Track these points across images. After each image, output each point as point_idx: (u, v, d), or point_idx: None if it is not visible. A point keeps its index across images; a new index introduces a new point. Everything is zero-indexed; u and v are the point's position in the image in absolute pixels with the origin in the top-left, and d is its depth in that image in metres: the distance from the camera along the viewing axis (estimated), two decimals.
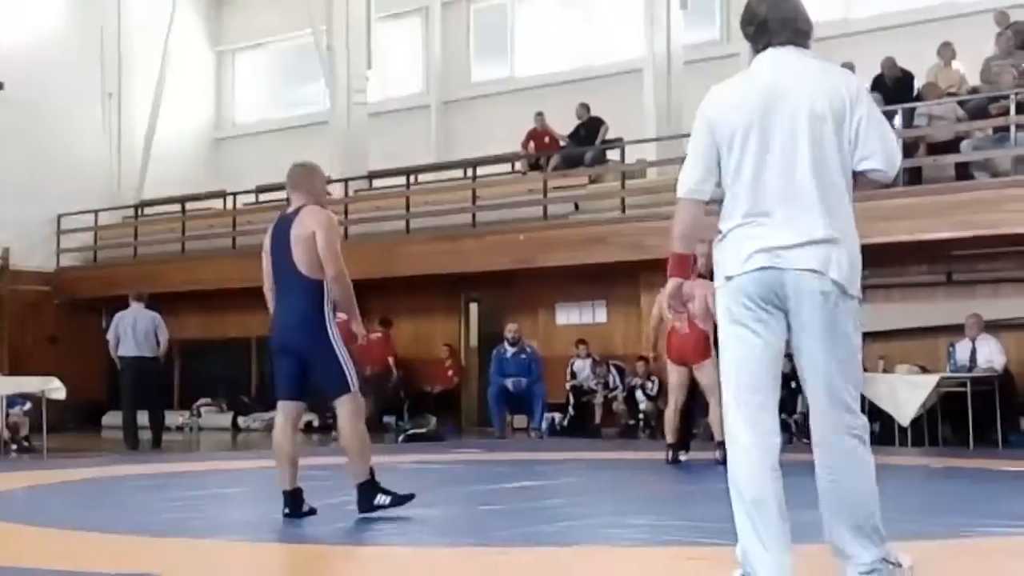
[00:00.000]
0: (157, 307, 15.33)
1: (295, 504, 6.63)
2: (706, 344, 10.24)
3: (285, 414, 6.74)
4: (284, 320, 6.71)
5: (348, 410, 6.62)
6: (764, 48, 4.25)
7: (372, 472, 6.67)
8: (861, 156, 4.15)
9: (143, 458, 12.80)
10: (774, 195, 4.08)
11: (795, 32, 4.24)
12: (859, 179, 4.20)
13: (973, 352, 13.61)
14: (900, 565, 4.21)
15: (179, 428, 20.04)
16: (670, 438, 10.71)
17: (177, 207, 22.54)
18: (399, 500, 6.63)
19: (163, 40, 24.20)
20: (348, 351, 6.65)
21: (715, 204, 4.22)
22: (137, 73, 24.41)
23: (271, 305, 6.88)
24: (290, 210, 6.82)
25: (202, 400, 21.00)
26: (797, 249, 4.03)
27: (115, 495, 8.72)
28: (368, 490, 6.62)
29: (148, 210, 23.55)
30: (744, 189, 4.10)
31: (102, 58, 24.14)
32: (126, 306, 15.10)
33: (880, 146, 4.16)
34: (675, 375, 10.60)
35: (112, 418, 19.75)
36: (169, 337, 15.16)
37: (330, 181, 20.61)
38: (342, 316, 6.85)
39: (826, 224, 4.05)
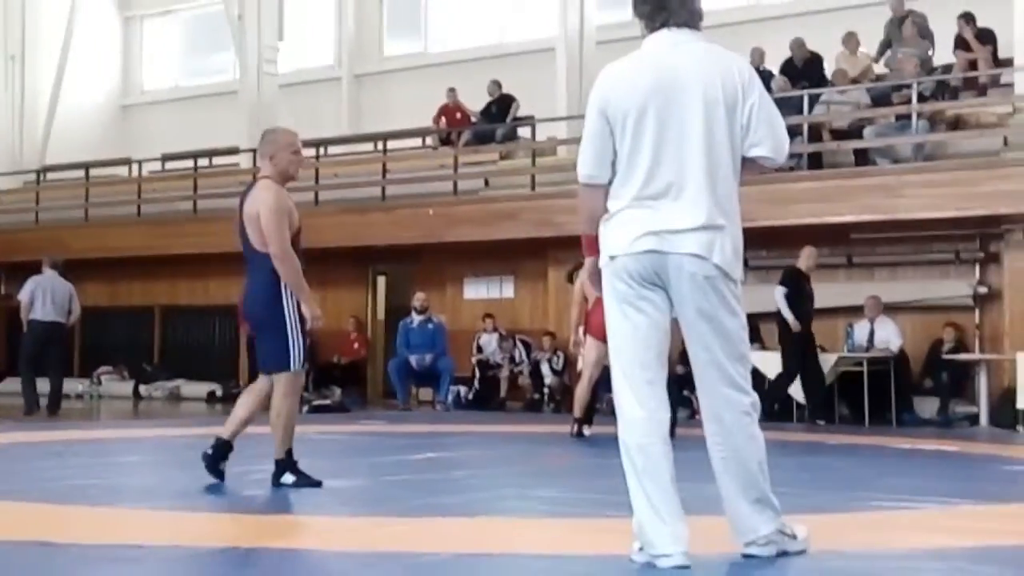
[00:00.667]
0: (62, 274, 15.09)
1: (217, 457, 6.69)
2: None
3: (258, 386, 6.74)
4: (246, 292, 6.77)
5: (284, 388, 6.58)
6: (660, 27, 4.25)
7: (291, 451, 6.66)
8: (751, 143, 4.20)
9: (41, 425, 12.60)
10: (665, 178, 4.12)
11: (691, 13, 4.26)
12: (747, 164, 4.25)
13: (871, 333, 13.94)
14: (795, 536, 4.33)
15: (79, 396, 19.74)
16: (578, 412, 10.83)
17: (81, 173, 22.15)
18: (307, 483, 6.59)
19: (69, 3, 23.69)
20: (303, 331, 6.59)
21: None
22: (42, 36, 23.91)
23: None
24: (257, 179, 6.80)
25: (103, 368, 20.70)
26: (685, 234, 4.08)
27: (10, 462, 8.59)
28: (282, 466, 6.64)
29: (51, 176, 23.11)
30: (639, 172, 4.14)
31: (5, 20, 23.63)
32: (28, 271, 14.83)
33: (770, 133, 4.21)
34: (594, 351, 10.56)
35: (8, 384, 19.44)
36: None
37: (238, 151, 20.63)
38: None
39: (713, 210, 4.11)
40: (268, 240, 6.48)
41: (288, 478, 6.61)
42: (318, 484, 6.64)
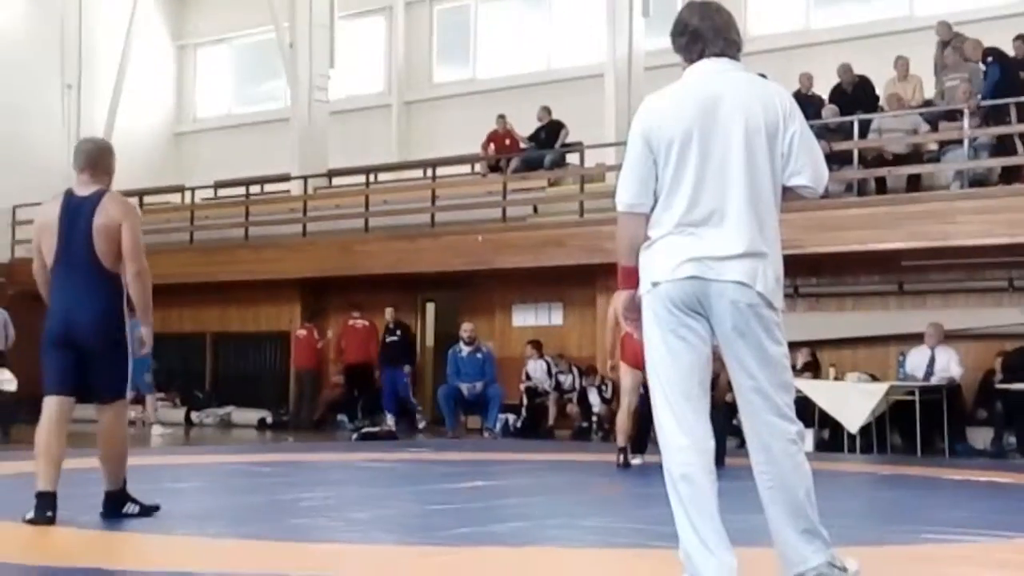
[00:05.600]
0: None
1: (47, 505, 6.05)
2: None
3: (59, 410, 6.20)
4: (74, 312, 6.16)
5: (119, 414, 6.35)
6: (698, 58, 4.28)
7: (125, 481, 6.42)
8: (792, 171, 4.20)
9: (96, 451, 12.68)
10: (708, 206, 4.12)
11: (727, 43, 4.27)
12: (787, 194, 4.25)
13: (931, 361, 13.75)
14: (846, 569, 4.27)
15: (131, 423, 19.83)
16: (621, 441, 10.79)
17: (135, 200, 22.38)
18: (146, 510, 6.38)
19: (124, 33, 24.01)
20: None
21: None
22: (98, 66, 24.25)
23: (45, 291, 6.39)
24: (83, 192, 6.26)
25: (157, 395, 20.83)
26: (727, 261, 4.08)
27: (63, 487, 8.64)
28: (120, 497, 6.39)
29: None
30: (681, 199, 4.13)
31: (62, 50, 23.98)
32: None
33: (810, 162, 4.22)
34: (629, 378, 10.59)
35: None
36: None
37: (290, 178, 20.81)
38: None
39: (756, 238, 4.10)
40: (129, 257, 6.12)
41: (131, 508, 6.37)
42: (157, 508, 6.42)
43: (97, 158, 6.37)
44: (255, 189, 21.69)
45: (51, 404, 6.20)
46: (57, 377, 6.18)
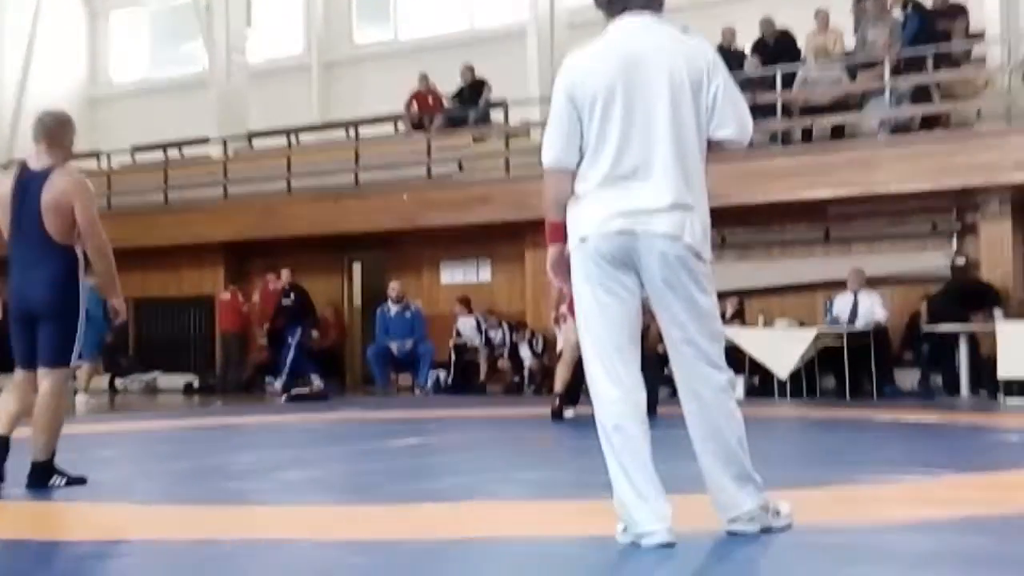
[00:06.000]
0: None
1: None
2: None
3: (23, 379, 6.28)
4: (27, 287, 6.20)
5: (57, 384, 6.23)
6: (620, 14, 4.26)
7: (54, 453, 6.31)
8: (716, 124, 4.23)
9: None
10: (633, 160, 4.13)
11: None
12: (713, 146, 4.27)
13: (855, 305, 13.93)
14: (779, 512, 4.33)
15: None
16: (559, 387, 10.79)
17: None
18: (73, 482, 6.27)
19: None
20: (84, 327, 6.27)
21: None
22: (7, 30, 23.72)
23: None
24: (36, 165, 6.25)
25: (77, 362, 20.56)
26: (655, 214, 4.10)
27: None
28: (47, 468, 6.26)
29: None
30: (607, 155, 4.14)
31: None
32: None
33: (735, 115, 4.24)
34: (574, 331, 10.56)
35: None
36: None
37: (208, 141, 20.50)
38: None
39: (682, 190, 4.12)
40: (86, 234, 6.13)
41: (58, 480, 6.25)
42: (83, 480, 6.32)
43: (54, 131, 6.30)
44: (174, 153, 21.34)
45: (16, 375, 6.29)
46: (20, 354, 6.24)
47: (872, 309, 13.87)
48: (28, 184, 6.18)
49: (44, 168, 6.21)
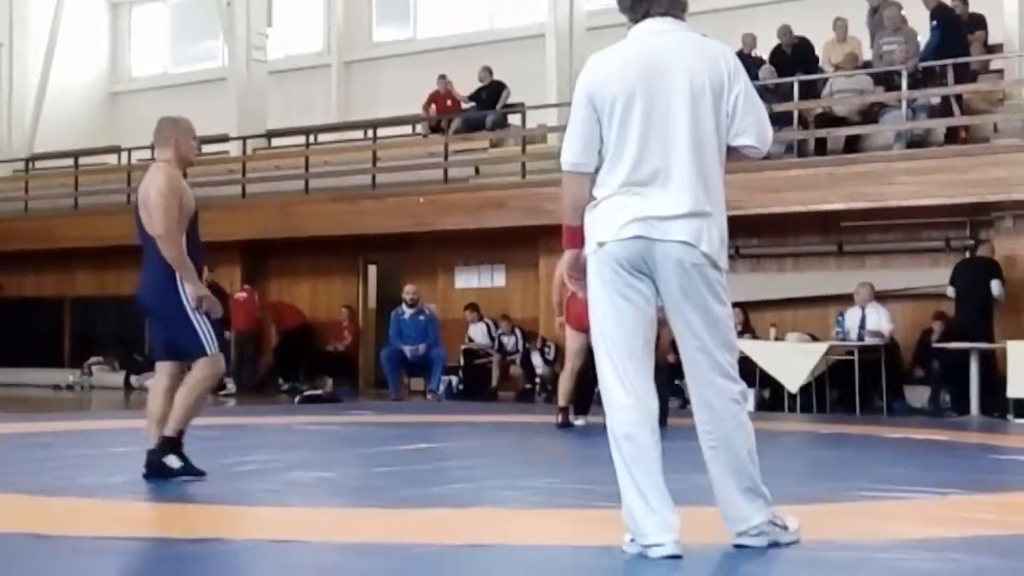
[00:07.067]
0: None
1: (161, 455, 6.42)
2: None
3: (163, 375, 6.58)
4: (141, 279, 6.58)
5: (205, 371, 6.43)
6: (643, 18, 4.25)
7: (182, 433, 6.43)
8: (736, 132, 4.21)
9: (33, 416, 12.57)
10: (652, 165, 4.11)
11: (673, 2, 4.25)
12: (732, 154, 4.25)
13: (863, 319, 13.91)
14: (787, 527, 4.32)
15: (69, 387, 19.72)
16: (563, 401, 10.83)
17: (70, 161, 22.06)
18: (189, 471, 6.36)
19: None
20: (206, 315, 6.44)
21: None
22: (29, 24, 23.82)
23: None
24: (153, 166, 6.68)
25: (93, 358, 20.65)
26: (672, 221, 4.08)
27: (1, 452, 8.56)
28: (169, 447, 6.38)
29: (40, 164, 23.03)
30: (626, 159, 4.13)
31: None
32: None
33: (755, 122, 4.22)
34: (574, 340, 10.61)
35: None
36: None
37: (228, 139, 20.56)
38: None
39: (701, 197, 4.11)
40: (153, 217, 6.38)
41: (174, 460, 6.35)
42: (202, 474, 6.39)
43: (158, 134, 6.68)
44: None
45: (158, 370, 6.63)
46: (154, 345, 6.78)
47: (879, 323, 13.83)
48: (141, 183, 6.58)
49: (151, 168, 6.59)
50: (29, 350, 21.45)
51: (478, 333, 17.19)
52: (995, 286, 13.23)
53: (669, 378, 10.08)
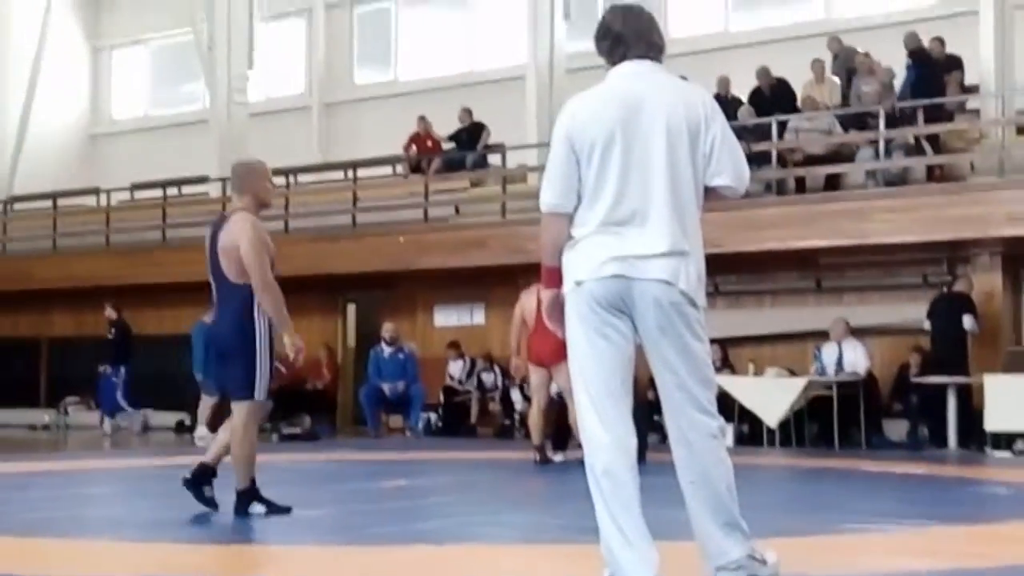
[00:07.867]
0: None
1: (200, 483, 6.76)
2: (563, 347, 10.23)
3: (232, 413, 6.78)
4: (217, 322, 6.80)
5: (244, 416, 6.60)
6: (620, 60, 4.31)
7: (254, 481, 6.65)
8: (713, 172, 4.24)
9: (6, 457, 12.48)
10: (630, 205, 4.15)
11: (650, 46, 4.31)
12: (710, 194, 4.29)
13: (840, 355, 13.98)
14: (766, 562, 4.31)
15: (46, 427, 19.61)
16: (536, 439, 10.84)
17: (49, 203, 22.02)
18: (275, 511, 6.59)
19: (38, 33, 23.64)
20: (271, 363, 6.62)
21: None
22: (10, 66, 23.83)
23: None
24: (228, 212, 6.83)
25: (70, 398, 20.55)
26: (651, 260, 4.12)
27: None
28: (246, 497, 6.60)
29: (18, 205, 22.99)
30: (604, 200, 4.16)
31: None
32: None
33: (731, 163, 4.26)
34: (535, 376, 10.73)
35: None
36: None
37: (208, 180, 20.57)
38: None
39: (678, 237, 4.14)
40: (250, 272, 6.52)
41: (257, 508, 6.57)
42: (287, 511, 6.60)
43: (238, 179, 6.85)
44: (172, 191, 21.40)
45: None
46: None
47: (855, 360, 13.90)
48: (215, 230, 6.70)
49: (229, 213, 6.75)
50: (5, 390, 21.33)
51: (457, 370, 17.19)
52: (967, 320, 13.34)
53: (648, 414, 10.08)
